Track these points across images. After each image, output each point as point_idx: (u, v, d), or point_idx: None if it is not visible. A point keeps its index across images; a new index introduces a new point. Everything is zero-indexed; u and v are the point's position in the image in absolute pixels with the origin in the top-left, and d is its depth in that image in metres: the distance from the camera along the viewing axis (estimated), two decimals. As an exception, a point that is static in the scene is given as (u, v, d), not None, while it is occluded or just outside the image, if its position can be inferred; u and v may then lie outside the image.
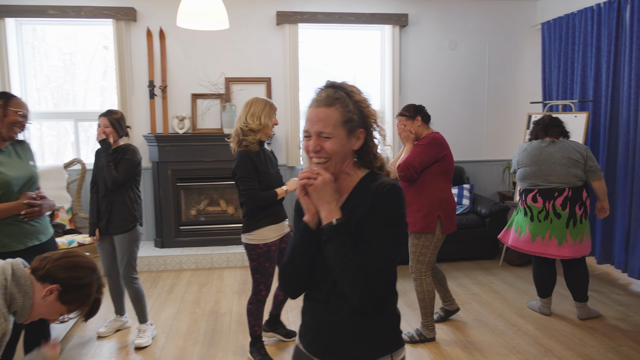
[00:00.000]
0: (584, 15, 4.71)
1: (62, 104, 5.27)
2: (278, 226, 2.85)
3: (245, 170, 2.69)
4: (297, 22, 5.13)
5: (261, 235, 2.76)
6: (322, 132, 1.32)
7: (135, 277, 3.18)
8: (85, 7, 4.82)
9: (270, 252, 2.79)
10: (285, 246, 2.96)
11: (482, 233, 4.85)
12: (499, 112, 5.68)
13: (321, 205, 1.33)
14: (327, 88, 1.38)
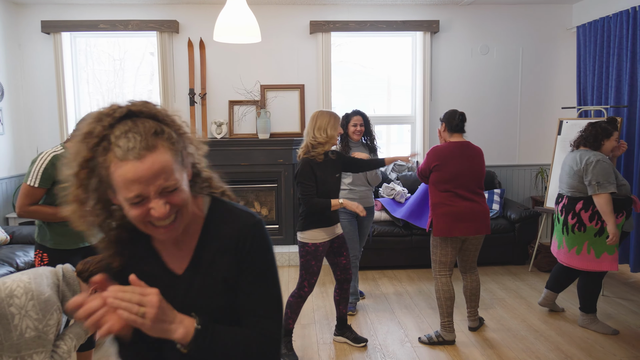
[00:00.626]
0: (619, 19, 4.63)
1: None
2: (328, 229, 3.04)
3: (304, 176, 2.93)
4: (330, 30, 5.30)
5: (311, 236, 2.98)
6: (166, 187, 0.98)
7: None
8: (133, 20, 5.17)
9: (317, 252, 3.00)
10: (337, 245, 3.12)
11: (512, 238, 4.85)
12: (532, 117, 5.64)
13: (167, 331, 0.97)
14: (125, 121, 0.99)
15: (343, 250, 3.15)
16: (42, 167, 2.39)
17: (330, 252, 3.14)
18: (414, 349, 3.21)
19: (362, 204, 3.62)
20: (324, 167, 3.00)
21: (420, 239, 4.77)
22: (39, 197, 2.42)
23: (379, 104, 5.88)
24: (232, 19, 3.58)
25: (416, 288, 4.34)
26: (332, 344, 3.29)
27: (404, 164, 5.58)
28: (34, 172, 2.39)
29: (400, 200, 5.06)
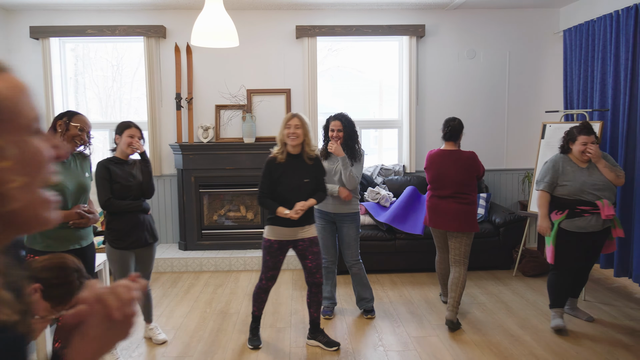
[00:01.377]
0: (603, 23, 4.62)
1: (99, 115, 5.72)
2: (282, 229, 3.11)
3: (262, 173, 3.14)
4: (316, 35, 5.32)
5: (266, 231, 3.17)
6: None
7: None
8: (120, 26, 5.22)
9: (271, 248, 3.14)
10: (302, 249, 3.17)
11: (497, 243, 4.82)
12: (520, 121, 5.62)
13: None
14: None
15: (308, 254, 3.17)
16: None
17: (297, 254, 3.24)
18: (386, 353, 3.19)
19: (337, 209, 3.61)
20: (283, 169, 3.08)
21: (404, 243, 4.75)
22: None
23: (371, 109, 5.88)
24: (210, 23, 3.60)
25: (397, 293, 4.31)
26: (304, 348, 3.28)
27: (390, 168, 5.58)
28: None
29: (385, 204, 5.05)
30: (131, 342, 3.38)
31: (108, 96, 5.73)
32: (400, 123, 5.65)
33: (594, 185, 3.35)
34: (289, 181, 3.06)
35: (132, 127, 3.10)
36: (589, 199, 3.36)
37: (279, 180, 3.06)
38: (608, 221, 3.38)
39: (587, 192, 3.37)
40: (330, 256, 3.75)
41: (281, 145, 3.11)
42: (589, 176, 3.39)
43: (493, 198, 5.64)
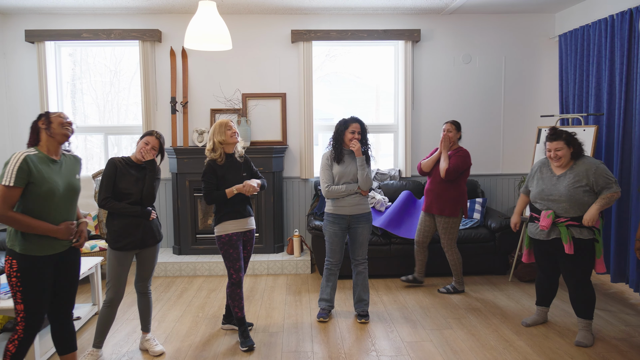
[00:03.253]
0: (597, 27, 4.62)
1: (97, 120, 5.70)
2: (238, 222, 3.36)
3: (206, 175, 3.30)
4: (311, 39, 5.32)
5: (224, 228, 3.32)
6: None
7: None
8: (115, 30, 5.22)
9: (232, 241, 3.31)
10: (246, 240, 3.46)
11: (492, 248, 4.79)
12: (516, 126, 5.61)
13: None
14: None
15: (248, 245, 3.50)
16: (15, 166, 2.36)
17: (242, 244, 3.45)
18: (379, 357, 3.15)
19: (354, 211, 3.65)
20: (226, 168, 3.32)
21: (400, 248, 4.72)
22: (15, 199, 2.38)
23: (369, 114, 5.87)
24: (203, 26, 3.60)
25: (392, 298, 4.28)
26: (297, 352, 3.24)
27: (386, 172, 5.56)
28: (8, 171, 2.36)
29: (380, 209, 5.02)
30: (124, 354, 3.34)
31: (106, 101, 5.72)
32: (396, 128, 5.64)
33: (549, 195, 3.28)
34: (232, 177, 3.32)
35: (151, 136, 3.13)
36: (539, 207, 3.35)
37: (223, 178, 3.30)
38: (555, 232, 3.26)
39: (541, 200, 3.33)
40: (335, 260, 3.76)
41: (219, 149, 3.30)
42: (552, 185, 3.29)
43: (489, 203, 5.62)
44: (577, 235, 3.20)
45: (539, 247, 3.47)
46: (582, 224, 3.19)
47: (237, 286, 3.33)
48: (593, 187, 3.19)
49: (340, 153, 3.64)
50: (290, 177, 5.53)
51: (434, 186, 4.25)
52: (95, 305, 3.96)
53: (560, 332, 3.49)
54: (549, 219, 3.25)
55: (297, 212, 5.59)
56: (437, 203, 4.21)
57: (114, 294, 3.06)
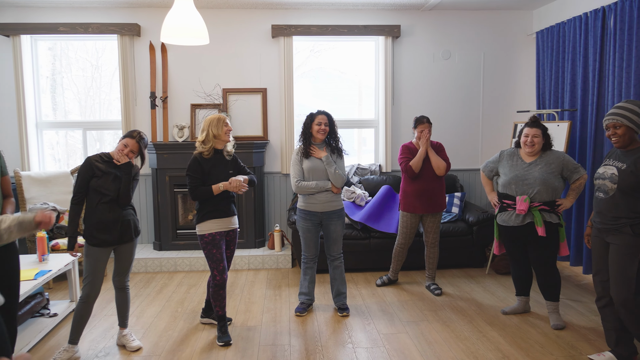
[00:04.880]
0: (573, 24, 4.70)
1: (77, 115, 5.64)
2: (222, 220, 3.30)
3: (191, 169, 3.24)
4: (292, 34, 5.33)
5: (207, 227, 3.25)
6: None
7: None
8: (93, 23, 5.17)
9: (215, 240, 3.26)
10: (229, 239, 3.43)
11: (470, 241, 4.86)
12: (494, 121, 5.69)
13: None
14: None
15: (231, 244, 3.47)
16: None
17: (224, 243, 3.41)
18: (355, 350, 3.20)
19: (325, 208, 3.67)
20: (212, 163, 3.26)
21: (379, 242, 4.77)
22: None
23: (351, 109, 5.90)
24: (179, 20, 3.58)
25: (371, 291, 4.33)
26: (274, 346, 3.27)
27: (367, 167, 5.60)
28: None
29: (361, 203, 5.07)
30: (101, 350, 3.34)
31: (87, 96, 5.66)
32: (377, 123, 5.68)
33: (524, 180, 3.40)
34: (217, 173, 3.27)
35: (132, 138, 3.11)
36: (514, 193, 3.45)
37: (209, 173, 3.25)
38: (529, 217, 3.39)
39: (515, 186, 3.44)
40: (311, 254, 3.79)
41: (210, 142, 3.25)
42: (525, 170, 3.42)
43: (468, 197, 5.70)
44: (548, 219, 3.37)
45: (509, 235, 3.56)
46: (552, 208, 3.37)
47: (220, 287, 3.29)
48: (562, 172, 3.39)
49: (309, 147, 3.67)
50: (271, 172, 5.55)
51: (429, 185, 4.07)
52: (72, 302, 3.94)
53: (532, 323, 3.58)
54: (526, 203, 3.37)
55: (278, 207, 5.61)
56: (434, 202, 4.11)
57: (90, 290, 3.05)
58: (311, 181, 3.64)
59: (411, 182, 4.12)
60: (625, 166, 2.75)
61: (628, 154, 2.80)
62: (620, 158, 2.82)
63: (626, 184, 2.72)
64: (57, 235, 4.71)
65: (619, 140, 2.77)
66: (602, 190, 2.85)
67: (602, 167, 2.90)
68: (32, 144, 5.30)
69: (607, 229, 2.83)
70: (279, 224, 5.55)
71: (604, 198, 2.83)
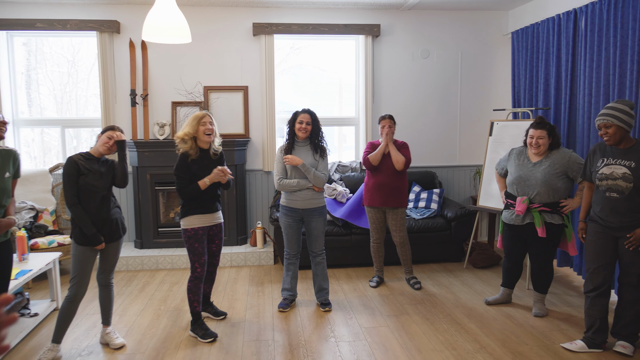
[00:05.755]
0: (546, 25, 4.84)
1: (54, 112, 5.57)
2: (205, 216, 3.36)
3: (179, 169, 3.29)
4: (273, 33, 5.35)
5: (190, 222, 3.32)
6: None
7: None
8: (71, 20, 5.10)
9: (197, 235, 3.32)
10: (213, 234, 3.48)
11: (448, 236, 4.98)
12: (471, 119, 5.82)
13: None
14: None
15: (216, 239, 3.53)
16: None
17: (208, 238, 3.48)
18: (337, 343, 3.27)
19: (306, 205, 3.72)
20: (198, 164, 3.30)
21: (360, 238, 4.85)
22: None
23: (332, 107, 5.96)
24: (161, 19, 3.58)
25: (352, 286, 4.41)
26: (258, 342, 3.32)
27: (348, 164, 5.67)
28: None
29: (342, 200, 5.14)
30: (84, 349, 3.33)
31: (63, 92, 5.58)
32: (357, 120, 5.76)
33: (526, 181, 3.50)
34: (204, 173, 3.30)
35: (113, 130, 3.12)
36: (516, 193, 3.56)
37: (196, 174, 3.28)
38: (529, 217, 3.50)
39: (517, 187, 3.55)
40: (293, 250, 3.85)
41: (191, 141, 3.27)
42: (529, 171, 3.51)
43: (446, 193, 5.82)
44: (549, 220, 3.46)
45: (511, 233, 3.67)
46: (554, 209, 3.45)
47: (199, 280, 3.36)
48: (567, 173, 3.44)
49: (292, 145, 3.73)
50: (253, 169, 5.58)
51: (386, 179, 4.14)
52: (54, 302, 3.91)
53: (509, 314, 3.71)
54: (524, 204, 3.48)
55: (260, 204, 5.64)
56: (394, 196, 4.15)
57: (78, 289, 3.05)
58: (293, 179, 3.69)
59: (372, 176, 4.23)
60: (634, 164, 2.86)
61: (628, 151, 2.91)
62: (622, 156, 2.92)
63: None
64: (36, 235, 4.65)
65: (610, 138, 2.91)
66: (616, 190, 2.91)
67: (607, 168, 2.95)
68: (9, 142, 5.21)
69: (622, 227, 2.92)
70: (261, 221, 5.58)
71: (619, 198, 2.90)
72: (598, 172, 3.00)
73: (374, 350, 3.15)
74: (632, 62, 3.73)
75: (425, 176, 5.56)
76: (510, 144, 4.49)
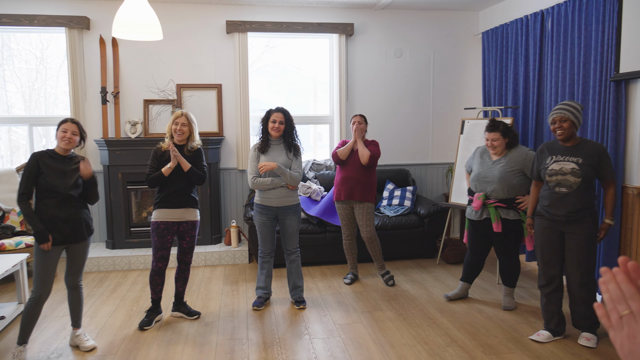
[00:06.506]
0: (515, 26, 4.96)
1: (22, 110, 5.42)
2: (168, 211, 3.45)
3: (150, 160, 3.49)
4: (247, 30, 5.33)
5: (154, 215, 3.47)
6: None
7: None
8: (39, 15, 4.98)
9: (158, 229, 3.43)
10: (183, 230, 3.52)
11: (422, 233, 5.06)
12: (444, 118, 5.92)
13: None
14: None
15: (187, 236, 3.56)
16: None
17: (177, 235, 3.55)
18: (311, 340, 3.29)
19: (280, 203, 3.73)
20: (168, 157, 3.44)
21: (334, 235, 4.88)
22: None
23: (307, 105, 5.97)
24: (132, 15, 3.53)
25: (327, 284, 4.44)
26: (232, 340, 3.31)
27: (322, 162, 5.70)
28: None
29: (316, 198, 5.16)
30: (53, 352, 3.27)
31: (32, 90, 5.44)
32: (332, 119, 5.79)
33: (484, 178, 3.65)
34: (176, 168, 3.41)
35: (66, 123, 3.03)
36: (475, 189, 3.70)
37: (163, 166, 3.42)
38: (486, 213, 3.63)
39: (476, 183, 3.69)
40: (267, 249, 3.85)
41: (169, 137, 3.49)
42: (488, 169, 3.66)
43: (419, 191, 5.91)
44: (504, 215, 3.59)
45: (474, 228, 3.81)
46: (509, 205, 3.57)
47: (156, 273, 3.51)
48: (524, 170, 3.57)
49: (266, 144, 3.73)
50: (227, 168, 5.55)
51: (352, 173, 4.16)
52: (21, 304, 3.82)
53: (479, 309, 3.79)
54: (480, 200, 3.61)
55: (234, 203, 5.62)
56: (359, 190, 4.16)
57: (41, 290, 2.98)
58: (267, 177, 3.69)
59: (340, 170, 4.30)
60: (581, 160, 2.98)
61: (575, 149, 3.03)
62: (570, 153, 3.04)
63: (587, 177, 2.96)
64: (2, 236, 4.53)
65: (563, 133, 3.01)
66: (565, 185, 3.02)
67: (556, 164, 3.07)
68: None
69: (567, 221, 3.03)
70: (236, 220, 5.56)
71: (568, 192, 3.02)
72: (547, 169, 3.12)
73: (347, 347, 3.19)
74: (595, 62, 3.86)
75: (398, 174, 5.63)
76: (481, 141, 4.58)
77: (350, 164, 4.21)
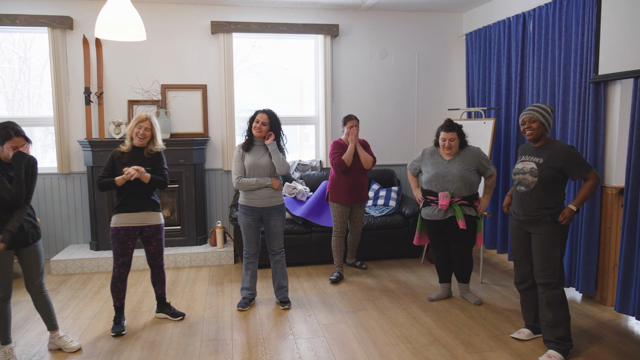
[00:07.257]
0: (498, 28, 5.02)
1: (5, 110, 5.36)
2: (127, 215, 3.38)
3: (106, 161, 3.42)
4: (232, 31, 5.33)
5: (113, 220, 3.41)
6: None
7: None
8: (21, 15, 4.92)
9: (118, 235, 3.37)
10: (147, 235, 3.45)
11: (406, 233, 5.10)
12: (428, 118, 5.97)
13: None
14: None
15: (153, 240, 3.50)
16: None
17: (142, 240, 3.50)
18: (295, 340, 3.30)
19: (265, 204, 3.73)
20: (127, 160, 3.37)
21: (320, 236, 4.90)
22: None
23: (293, 105, 5.98)
24: (115, 15, 3.51)
25: (312, 284, 4.45)
26: (216, 341, 3.31)
27: (308, 163, 5.71)
28: None
29: (302, 199, 5.17)
30: (35, 354, 3.24)
31: (15, 90, 5.37)
32: (317, 119, 5.81)
33: (444, 177, 3.70)
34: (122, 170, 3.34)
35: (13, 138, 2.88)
36: (436, 189, 3.74)
37: (117, 169, 3.35)
38: (450, 211, 3.69)
39: (436, 183, 3.73)
40: (252, 249, 3.85)
41: (129, 138, 3.42)
42: (445, 168, 3.72)
43: (404, 191, 5.95)
44: (467, 212, 3.69)
45: (434, 228, 3.86)
46: (470, 202, 3.70)
47: (118, 280, 3.43)
48: (478, 168, 3.72)
49: (251, 143, 3.75)
50: (212, 168, 5.53)
51: (356, 179, 4.40)
52: None
53: (462, 307, 3.84)
54: (447, 199, 3.66)
55: (219, 203, 5.61)
56: (361, 194, 4.46)
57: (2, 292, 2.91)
58: (252, 178, 3.70)
59: (341, 175, 4.39)
60: (542, 160, 3.03)
61: (540, 149, 3.08)
62: (535, 153, 3.10)
63: (545, 177, 2.99)
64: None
65: (532, 133, 3.06)
66: (524, 184, 3.09)
67: (520, 163, 3.15)
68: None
69: (529, 220, 3.08)
70: (221, 220, 5.55)
71: (525, 191, 3.08)
72: (514, 167, 3.20)
73: (331, 346, 3.21)
74: (575, 64, 3.93)
75: (384, 174, 5.67)
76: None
77: (354, 169, 4.40)
